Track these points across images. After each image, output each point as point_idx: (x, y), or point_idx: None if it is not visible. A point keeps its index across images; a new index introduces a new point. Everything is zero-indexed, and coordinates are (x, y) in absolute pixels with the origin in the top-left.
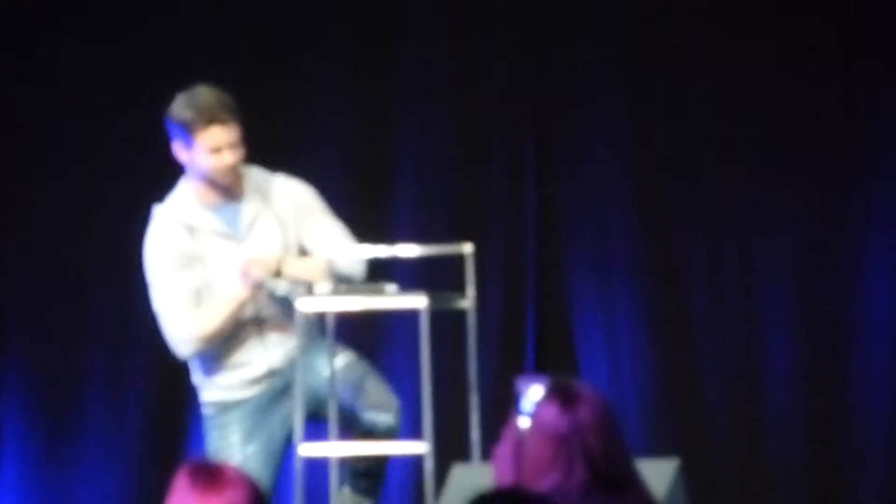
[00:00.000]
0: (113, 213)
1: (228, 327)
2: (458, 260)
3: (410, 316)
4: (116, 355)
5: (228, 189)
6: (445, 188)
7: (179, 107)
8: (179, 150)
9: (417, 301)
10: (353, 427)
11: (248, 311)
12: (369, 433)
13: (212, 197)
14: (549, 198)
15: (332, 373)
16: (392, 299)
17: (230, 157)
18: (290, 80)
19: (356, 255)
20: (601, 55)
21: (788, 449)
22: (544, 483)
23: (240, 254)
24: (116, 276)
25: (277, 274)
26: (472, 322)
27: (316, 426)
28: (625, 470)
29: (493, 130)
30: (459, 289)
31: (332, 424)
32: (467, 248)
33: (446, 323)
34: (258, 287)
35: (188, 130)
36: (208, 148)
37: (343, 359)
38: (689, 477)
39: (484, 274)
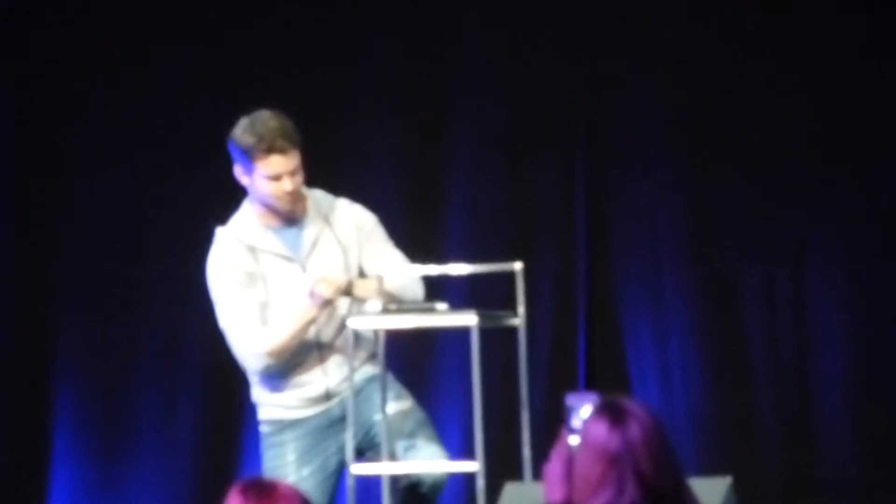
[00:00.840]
0: (166, 235)
1: (295, 344)
2: (509, 278)
3: (461, 334)
4: (169, 376)
5: (290, 212)
6: (496, 206)
7: (241, 132)
8: (240, 174)
9: (468, 319)
10: (401, 476)
11: (310, 333)
12: (416, 485)
13: (273, 219)
14: (600, 215)
15: (383, 395)
16: (443, 317)
17: (289, 185)
18: (343, 100)
19: (409, 273)
20: (652, 72)
21: (841, 466)
22: (595, 501)
23: (303, 276)
24: (169, 297)
25: (346, 294)
26: (522, 339)
27: (371, 458)
28: (676, 488)
29: (543, 149)
30: (510, 306)
31: (384, 445)
32: (518, 265)
33: (497, 341)
34: (326, 306)
35: (248, 156)
36: (267, 175)
37: (400, 404)
38: (742, 495)
39: (534, 291)
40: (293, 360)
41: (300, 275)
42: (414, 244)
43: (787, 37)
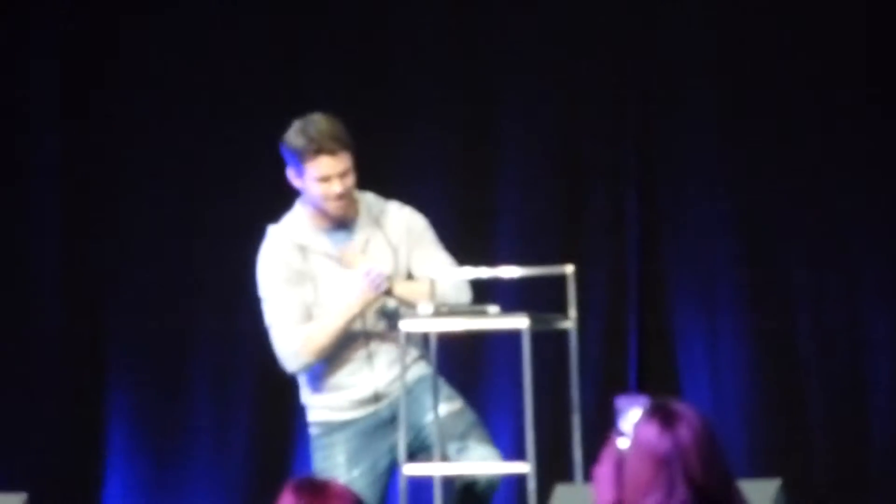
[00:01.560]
0: (220, 237)
1: (336, 343)
2: (561, 281)
3: (513, 337)
4: (222, 377)
5: (340, 214)
6: (547, 210)
7: (292, 134)
8: (293, 177)
9: (519, 322)
10: (456, 477)
11: (357, 332)
12: (472, 485)
13: (325, 221)
14: (651, 218)
15: (436, 397)
16: (494, 320)
17: (339, 187)
18: (399, 111)
19: (460, 276)
20: (701, 79)
21: (892, 469)
22: (645, 503)
23: (353, 273)
24: (222, 299)
25: (388, 293)
26: (573, 342)
27: (422, 459)
28: (726, 490)
29: (593, 153)
30: (561, 309)
31: (437, 446)
32: (569, 269)
33: (548, 343)
34: (369, 301)
35: (299, 158)
36: (317, 176)
37: (451, 405)
38: (792, 497)
39: (586, 294)
40: (340, 360)
41: (350, 274)
42: (466, 248)
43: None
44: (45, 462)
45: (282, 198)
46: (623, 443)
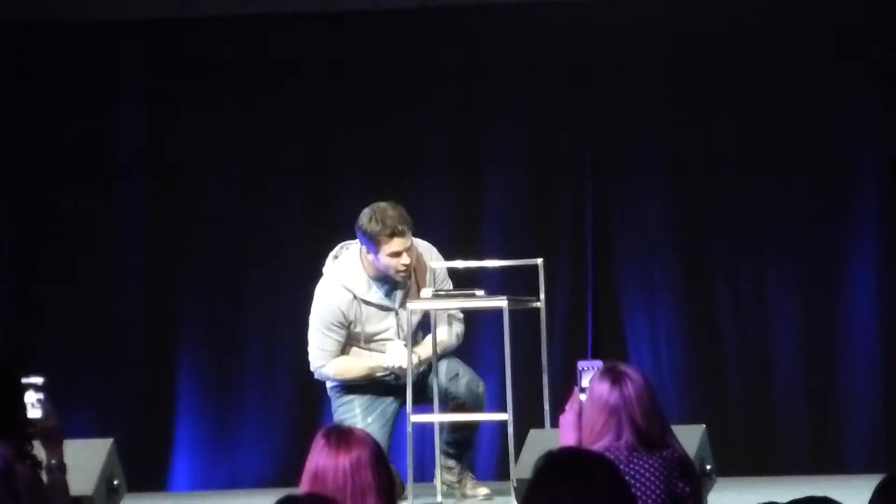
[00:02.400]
0: (268, 238)
1: (356, 381)
2: (533, 270)
3: (495, 314)
4: (270, 348)
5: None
6: (522, 214)
7: (367, 221)
8: (364, 253)
9: (500, 302)
10: (449, 402)
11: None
12: (462, 405)
13: (378, 273)
14: (604, 221)
15: (434, 352)
16: (480, 301)
17: (406, 259)
18: (401, 135)
19: (452, 267)
20: (644, 115)
21: (792, 416)
22: (599, 444)
23: (395, 320)
24: (271, 290)
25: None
26: (543, 318)
27: (421, 407)
28: (662, 433)
29: (559, 172)
30: (533, 293)
31: (436, 400)
32: (539, 261)
33: (524, 320)
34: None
35: (374, 241)
36: (390, 254)
37: (445, 360)
38: (714, 439)
39: (553, 281)
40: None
41: (393, 317)
42: (459, 245)
43: (753, 92)
44: (129, 413)
45: (313, 200)
46: (583, 396)
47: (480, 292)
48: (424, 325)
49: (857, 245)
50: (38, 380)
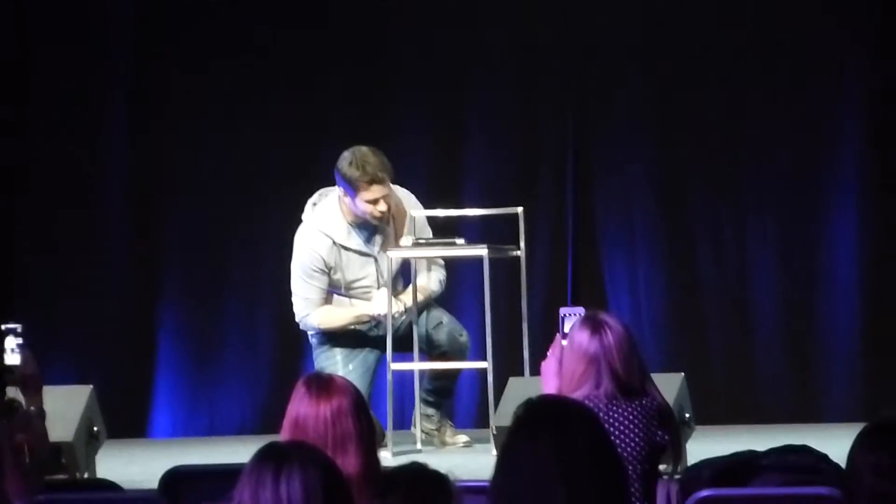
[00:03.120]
0: (248, 189)
1: (334, 329)
2: (513, 219)
3: (476, 262)
4: (251, 294)
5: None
6: (505, 164)
7: (347, 165)
8: (342, 196)
9: (480, 250)
10: (432, 350)
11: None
12: (444, 354)
13: (357, 218)
14: (585, 170)
15: (415, 299)
16: (461, 249)
17: (384, 206)
18: (384, 83)
19: (432, 216)
20: (628, 68)
21: (771, 366)
22: (578, 393)
23: (374, 265)
24: (252, 245)
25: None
26: (523, 266)
27: (401, 356)
28: (642, 382)
29: (541, 120)
30: (514, 242)
31: (416, 348)
32: (519, 209)
33: (504, 268)
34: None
35: (353, 186)
36: (368, 199)
37: (427, 307)
38: (692, 387)
39: (533, 230)
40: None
41: (373, 264)
42: (441, 193)
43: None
44: (109, 360)
45: (294, 158)
46: (564, 342)
47: (461, 241)
48: (405, 274)
49: (838, 196)
50: (17, 326)
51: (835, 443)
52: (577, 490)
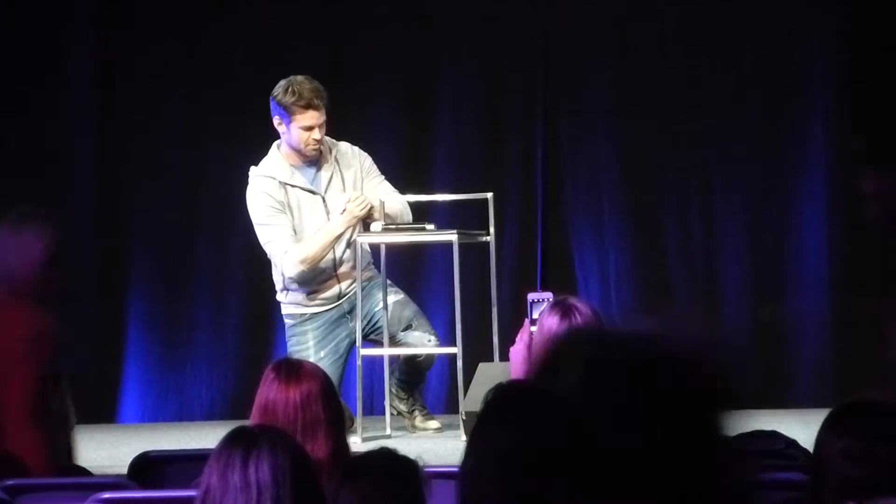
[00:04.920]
0: (215, 172)
1: (325, 255)
2: (483, 204)
3: (445, 247)
4: (220, 279)
5: (314, 156)
6: (473, 149)
7: (282, 92)
8: (278, 124)
9: (450, 236)
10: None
11: (328, 256)
12: (412, 359)
13: (298, 160)
14: (554, 156)
15: (384, 290)
16: (431, 234)
17: (318, 134)
18: (353, 69)
19: (404, 201)
20: (595, 53)
21: (740, 349)
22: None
23: (324, 205)
24: (220, 231)
25: (367, 216)
26: (492, 252)
27: (371, 345)
28: None
29: (511, 106)
30: (483, 227)
31: (386, 334)
32: (489, 195)
33: (473, 253)
34: (354, 223)
35: (288, 111)
36: (302, 126)
37: (396, 296)
38: None
39: (503, 215)
40: (316, 278)
41: (321, 205)
42: (409, 179)
43: (701, 32)
44: (78, 346)
45: (262, 140)
46: (533, 328)
47: (430, 226)
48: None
49: (806, 179)
50: None
51: (803, 427)
52: (547, 475)
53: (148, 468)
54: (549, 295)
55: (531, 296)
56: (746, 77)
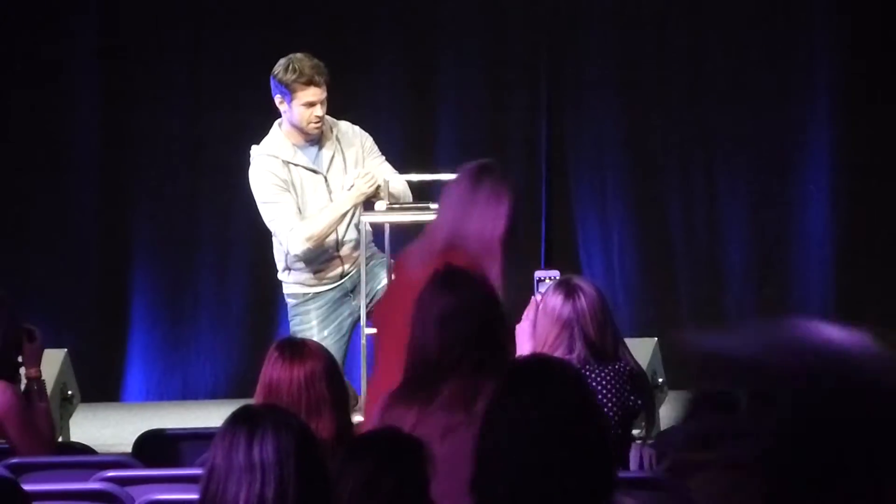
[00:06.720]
0: (217, 148)
1: (330, 232)
2: None
3: None
4: (224, 259)
5: (315, 134)
6: (477, 127)
7: (283, 69)
8: (279, 102)
9: None
10: None
11: (332, 237)
12: None
13: (300, 139)
14: (558, 133)
15: (388, 269)
16: (435, 214)
17: (319, 111)
18: (356, 49)
19: (405, 178)
20: (599, 30)
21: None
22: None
23: (326, 185)
24: (225, 200)
25: (375, 193)
26: None
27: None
28: (615, 346)
29: (514, 83)
30: None
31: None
32: None
33: None
34: (361, 200)
35: (289, 88)
36: (304, 103)
37: None
38: (665, 352)
39: None
40: (319, 258)
41: (323, 184)
42: (414, 158)
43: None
44: (82, 324)
45: (264, 116)
46: (537, 307)
47: (435, 205)
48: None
49: (810, 157)
50: None
51: None
52: (562, 448)
53: (153, 446)
54: (556, 273)
55: (538, 273)
56: (750, 55)
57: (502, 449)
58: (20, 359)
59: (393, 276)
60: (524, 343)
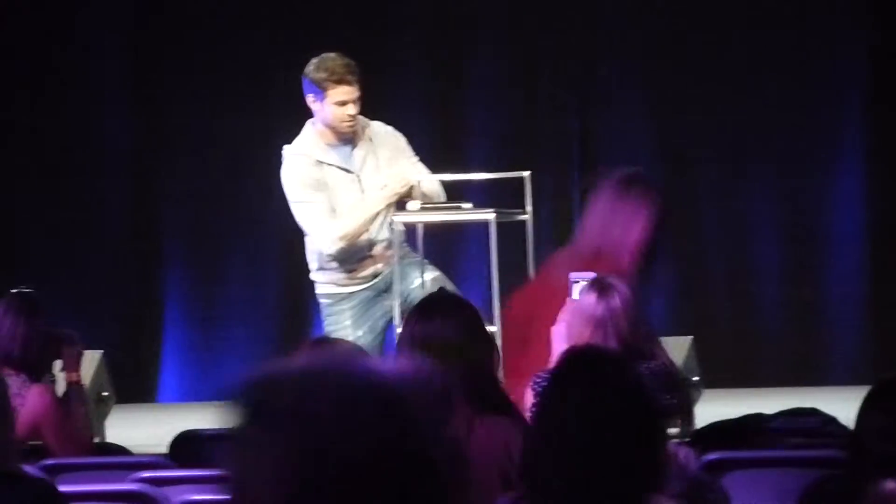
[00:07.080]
0: (250, 149)
1: (363, 232)
2: (519, 183)
3: (482, 226)
4: (257, 258)
5: (348, 133)
6: (509, 130)
7: (314, 68)
8: (311, 102)
9: (487, 215)
10: None
11: (364, 236)
12: None
13: (332, 138)
14: (588, 134)
15: (422, 269)
16: (468, 214)
17: (352, 109)
18: (386, 47)
19: (439, 179)
20: (632, 29)
21: (778, 328)
22: None
23: (359, 185)
24: (258, 199)
25: (408, 193)
26: (529, 231)
27: None
28: (650, 345)
29: (545, 85)
30: (520, 206)
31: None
32: (526, 174)
33: (510, 231)
34: (394, 200)
35: (321, 87)
36: (336, 102)
37: (431, 273)
38: (700, 350)
39: (538, 194)
40: (352, 257)
41: (356, 184)
42: (445, 159)
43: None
44: (117, 325)
45: (296, 116)
46: (571, 307)
47: (467, 205)
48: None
49: (844, 156)
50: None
51: (842, 405)
52: (613, 438)
53: (188, 447)
54: (591, 275)
55: (573, 275)
56: (784, 50)
57: (557, 436)
58: (60, 363)
59: (535, 276)
60: (560, 344)
